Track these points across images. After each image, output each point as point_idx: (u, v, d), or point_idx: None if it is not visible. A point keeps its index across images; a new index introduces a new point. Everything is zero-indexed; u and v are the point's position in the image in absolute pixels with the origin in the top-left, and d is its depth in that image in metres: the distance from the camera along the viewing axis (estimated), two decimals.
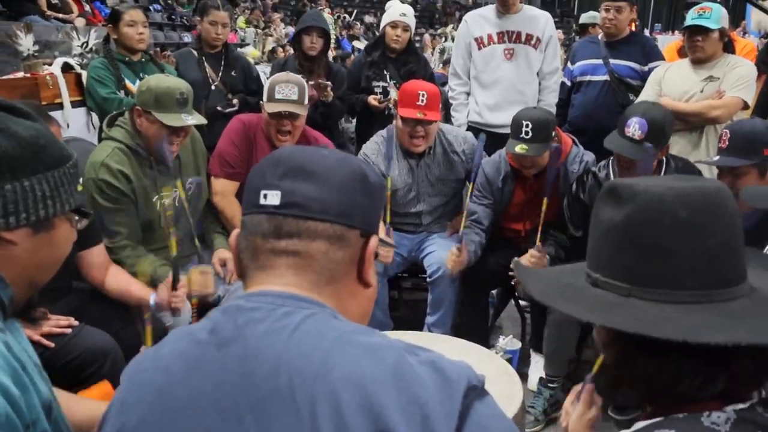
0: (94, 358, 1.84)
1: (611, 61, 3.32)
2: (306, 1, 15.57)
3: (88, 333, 1.91)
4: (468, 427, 0.66)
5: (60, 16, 6.53)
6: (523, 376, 2.43)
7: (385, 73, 3.53)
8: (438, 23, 19.61)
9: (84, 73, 3.32)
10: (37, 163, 0.91)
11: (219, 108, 3.26)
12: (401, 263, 2.91)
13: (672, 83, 2.99)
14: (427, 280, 2.78)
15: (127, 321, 2.10)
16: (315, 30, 3.41)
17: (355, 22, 17.01)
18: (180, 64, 3.35)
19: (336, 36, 12.10)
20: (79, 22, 6.43)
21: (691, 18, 2.89)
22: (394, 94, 3.41)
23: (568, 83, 3.50)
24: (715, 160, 2.20)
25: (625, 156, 2.26)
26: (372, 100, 3.46)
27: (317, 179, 0.78)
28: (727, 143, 2.13)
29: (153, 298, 1.77)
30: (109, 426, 0.76)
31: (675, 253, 0.77)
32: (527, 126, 2.45)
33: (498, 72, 3.31)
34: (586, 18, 5.40)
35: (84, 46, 3.71)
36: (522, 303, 3.06)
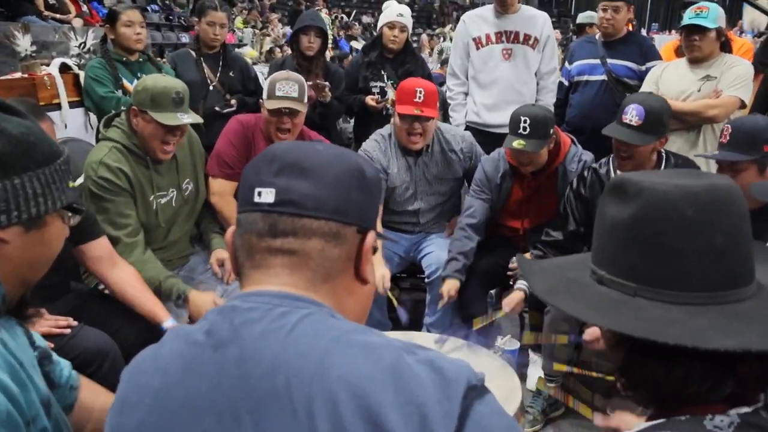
0: (92, 358, 1.83)
1: (609, 60, 3.32)
2: (302, 1, 15.55)
3: (87, 333, 1.90)
4: (468, 428, 0.66)
5: (57, 17, 6.54)
6: (522, 376, 2.43)
7: (382, 73, 3.53)
8: (436, 23, 19.60)
9: (82, 74, 3.31)
10: (28, 160, 0.90)
11: (217, 108, 3.26)
12: (399, 263, 2.91)
13: (669, 82, 2.99)
14: (426, 280, 2.78)
15: (126, 321, 2.09)
16: (313, 30, 3.41)
17: (353, 22, 16.99)
18: (178, 64, 3.35)
19: (333, 36, 12.10)
20: (77, 23, 6.44)
21: (688, 17, 2.90)
22: (391, 94, 3.41)
23: (566, 83, 3.51)
24: (715, 155, 2.20)
25: (623, 141, 2.26)
26: (369, 101, 3.46)
27: (312, 176, 0.77)
28: (728, 138, 2.13)
29: (169, 324, 1.84)
30: (108, 425, 0.76)
31: (680, 252, 0.75)
32: (525, 122, 2.45)
33: (496, 72, 3.31)
34: (583, 18, 5.39)
35: (81, 46, 3.70)
36: None
